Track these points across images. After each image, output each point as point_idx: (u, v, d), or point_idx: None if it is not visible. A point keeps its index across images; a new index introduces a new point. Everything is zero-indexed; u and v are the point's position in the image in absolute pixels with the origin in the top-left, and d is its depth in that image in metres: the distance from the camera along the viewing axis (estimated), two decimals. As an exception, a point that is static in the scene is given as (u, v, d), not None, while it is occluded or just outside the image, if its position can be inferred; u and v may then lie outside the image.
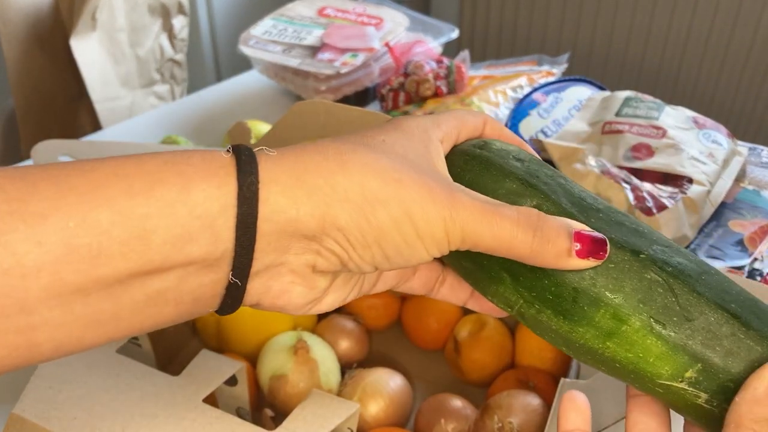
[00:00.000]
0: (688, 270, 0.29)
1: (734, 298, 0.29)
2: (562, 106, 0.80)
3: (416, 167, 0.29)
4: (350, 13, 1.00)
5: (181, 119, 0.96)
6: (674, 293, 0.28)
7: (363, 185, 0.28)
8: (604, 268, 0.29)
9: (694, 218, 0.62)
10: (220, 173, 0.26)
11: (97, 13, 1.15)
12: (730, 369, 0.28)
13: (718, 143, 0.70)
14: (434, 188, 0.28)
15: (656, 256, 0.29)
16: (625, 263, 0.29)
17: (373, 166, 0.28)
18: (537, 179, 0.31)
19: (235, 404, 0.46)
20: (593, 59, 1.83)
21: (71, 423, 0.37)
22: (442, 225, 0.28)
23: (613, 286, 0.29)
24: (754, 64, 1.65)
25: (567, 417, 0.30)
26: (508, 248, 0.29)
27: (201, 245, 0.26)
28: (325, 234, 0.28)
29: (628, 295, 0.28)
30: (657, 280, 0.28)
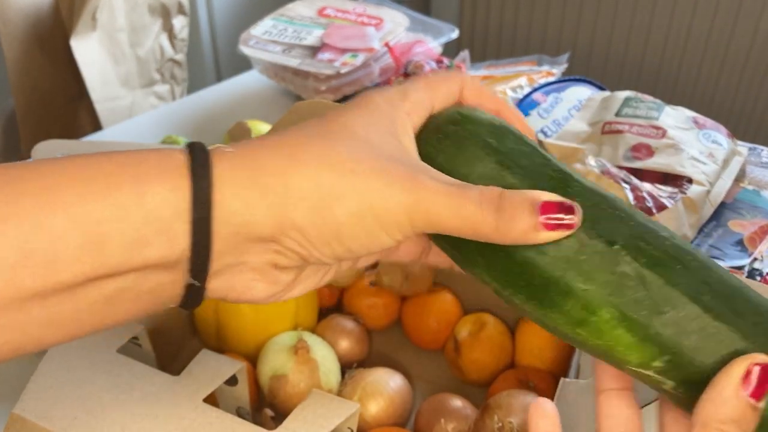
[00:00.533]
0: (664, 261, 0.28)
1: (711, 290, 0.28)
2: (562, 106, 0.80)
3: (376, 152, 0.28)
4: (350, 13, 1.00)
5: (182, 119, 0.96)
6: (646, 286, 0.28)
7: (317, 181, 0.27)
8: (576, 260, 0.28)
9: (694, 218, 0.62)
10: (175, 175, 0.26)
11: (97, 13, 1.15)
12: (699, 363, 0.28)
13: (718, 143, 0.70)
14: (395, 174, 0.27)
15: (632, 246, 0.28)
16: (597, 255, 0.28)
17: (328, 158, 0.27)
18: (512, 161, 0.30)
19: (235, 404, 0.46)
20: (593, 59, 1.83)
21: (72, 423, 0.37)
22: (405, 212, 0.27)
23: (584, 278, 0.28)
24: (754, 64, 1.65)
25: (536, 425, 0.30)
26: (473, 231, 0.28)
27: (157, 249, 0.26)
28: (283, 234, 0.27)
29: (599, 287, 0.28)
30: (629, 273, 0.28)
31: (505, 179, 0.30)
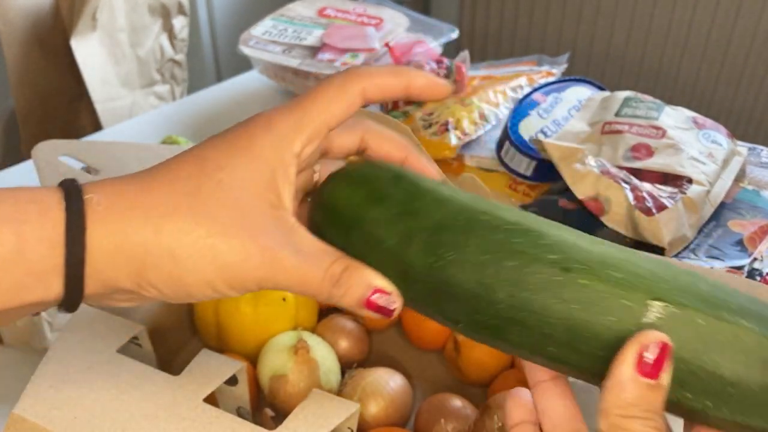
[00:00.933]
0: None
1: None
2: (562, 107, 0.80)
3: (245, 221, 0.30)
4: (350, 13, 1.00)
5: (182, 119, 0.97)
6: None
7: (175, 254, 0.30)
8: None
9: (694, 218, 0.62)
10: (52, 235, 0.29)
11: (97, 13, 1.15)
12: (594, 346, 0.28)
13: (718, 143, 0.70)
14: (255, 251, 0.30)
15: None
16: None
17: (191, 234, 0.30)
18: (380, 243, 0.31)
19: (235, 404, 0.46)
20: (593, 59, 1.84)
21: (72, 422, 0.37)
22: (256, 283, 0.31)
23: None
24: (754, 65, 1.65)
25: (511, 413, 0.31)
26: (311, 295, 0.32)
27: (35, 293, 0.30)
28: (142, 289, 0.31)
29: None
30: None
31: (373, 257, 0.32)
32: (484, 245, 0.29)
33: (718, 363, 0.26)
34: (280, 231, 0.31)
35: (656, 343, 0.26)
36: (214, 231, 0.30)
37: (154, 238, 0.29)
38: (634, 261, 0.29)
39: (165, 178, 0.31)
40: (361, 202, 0.32)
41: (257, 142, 0.31)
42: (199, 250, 0.30)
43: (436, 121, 0.82)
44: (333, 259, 0.31)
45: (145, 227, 0.30)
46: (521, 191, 0.77)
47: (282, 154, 0.31)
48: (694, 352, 0.27)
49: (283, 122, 0.31)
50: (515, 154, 0.75)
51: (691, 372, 0.27)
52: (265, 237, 0.30)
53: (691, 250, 0.62)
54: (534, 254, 0.28)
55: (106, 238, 0.30)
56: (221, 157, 0.31)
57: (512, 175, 0.77)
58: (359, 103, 0.33)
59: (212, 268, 0.30)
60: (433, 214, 0.31)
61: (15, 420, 0.37)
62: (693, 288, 0.28)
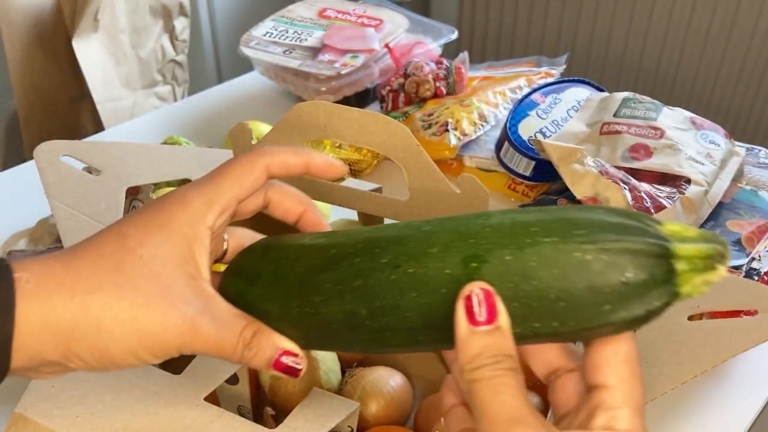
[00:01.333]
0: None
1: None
2: (561, 107, 0.80)
3: (165, 293, 0.32)
4: (350, 14, 1.00)
5: (183, 120, 0.97)
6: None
7: (100, 327, 0.31)
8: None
9: (692, 218, 0.63)
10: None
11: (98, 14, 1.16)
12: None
13: (716, 144, 0.70)
14: (175, 321, 0.32)
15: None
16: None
17: (114, 308, 0.31)
18: (268, 314, 0.35)
19: (236, 403, 0.46)
20: (592, 60, 1.84)
21: (73, 421, 0.37)
22: (177, 350, 0.33)
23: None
24: (752, 66, 1.65)
25: (445, 398, 0.33)
26: (225, 357, 0.34)
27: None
28: (68, 361, 0.32)
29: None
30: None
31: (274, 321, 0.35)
32: (336, 277, 0.33)
33: (541, 286, 0.28)
34: (199, 300, 0.33)
35: (477, 292, 0.28)
36: (137, 303, 0.32)
37: (82, 313, 0.31)
38: (447, 229, 0.31)
39: (90, 256, 0.33)
40: (243, 288, 0.36)
41: (174, 219, 0.34)
42: (123, 321, 0.32)
43: (435, 121, 0.82)
44: (244, 324, 0.34)
45: (72, 302, 0.31)
46: (520, 191, 0.78)
47: (197, 228, 0.34)
48: (517, 286, 0.29)
49: (197, 199, 0.34)
50: (514, 155, 0.75)
51: (524, 304, 0.29)
52: (185, 307, 0.33)
53: (690, 250, 0.62)
54: (370, 266, 0.32)
55: (34, 314, 0.31)
56: (141, 234, 0.33)
57: (511, 176, 0.77)
58: (264, 178, 0.36)
59: (135, 337, 0.32)
60: (297, 271, 0.34)
61: (17, 419, 0.38)
62: (495, 232, 0.30)
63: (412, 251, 0.31)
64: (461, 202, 0.45)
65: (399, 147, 0.45)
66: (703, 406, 0.53)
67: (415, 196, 0.46)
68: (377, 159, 0.83)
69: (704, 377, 0.55)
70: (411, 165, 0.45)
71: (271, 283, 0.35)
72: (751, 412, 0.53)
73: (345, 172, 0.39)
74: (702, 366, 0.39)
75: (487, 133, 0.83)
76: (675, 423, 0.53)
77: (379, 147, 0.45)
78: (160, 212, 0.34)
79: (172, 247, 0.33)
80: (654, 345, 0.41)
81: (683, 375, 0.39)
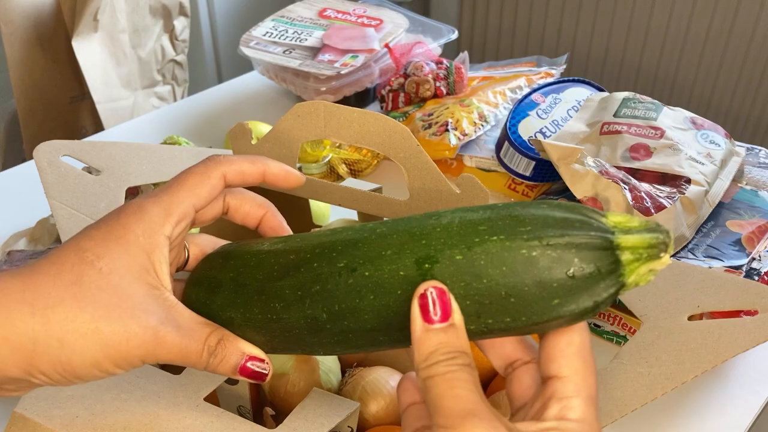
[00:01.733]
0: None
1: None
2: (561, 107, 0.80)
3: (125, 304, 0.32)
4: (350, 14, 1.00)
5: (183, 120, 0.97)
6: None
7: (62, 341, 0.31)
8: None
9: (692, 218, 0.63)
10: None
11: (98, 14, 1.16)
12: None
13: (716, 144, 0.70)
14: (136, 332, 0.32)
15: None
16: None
17: (75, 321, 0.31)
18: (232, 322, 0.35)
19: (236, 403, 0.46)
20: (591, 61, 1.84)
21: (73, 421, 0.37)
22: (140, 359, 0.33)
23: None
24: (752, 66, 1.65)
25: (401, 398, 0.33)
26: (190, 365, 0.34)
27: None
28: (31, 377, 0.32)
29: None
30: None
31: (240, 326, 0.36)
32: (295, 283, 0.33)
33: (491, 284, 0.29)
34: (161, 309, 0.33)
35: (431, 291, 0.29)
36: (98, 315, 0.32)
37: (43, 328, 0.31)
38: (401, 230, 0.32)
39: (50, 271, 0.32)
40: (205, 297, 0.36)
41: (131, 230, 0.34)
42: (85, 334, 0.32)
43: (435, 121, 0.82)
44: (209, 331, 0.35)
45: (33, 318, 0.31)
46: (520, 191, 0.78)
47: (155, 238, 0.34)
48: (468, 285, 0.29)
49: (154, 209, 0.35)
50: (514, 155, 0.75)
51: (476, 302, 0.29)
52: (147, 316, 0.33)
53: (690, 250, 0.62)
54: (328, 271, 0.32)
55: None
56: (99, 247, 0.33)
57: (511, 175, 0.77)
58: (221, 186, 0.37)
59: (98, 349, 0.32)
60: (257, 278, 0.35)
61: (16, 419, 0.38)
62: (445, 232, 0.30)
63: (368, 254, 0.31)
64: (461, 202, 0.45)
65: (399, 147, 0.45)
66: (703, 406, 0.53)
67: (415, 196, 0.46)
68: (377, 159, 0.83)
69: (704, 377, 0.55)
70: (411, 165, 0.45)
71: (232, 291, 0.35)
72: (751, 412, 0.53)
73: (302, 182, 0.40)
74: (702, 366, 0.39)
75: (487, 133, 0.83)
76: (675, 423, 0.53)
77: (379, 147, 0.45)
78: (117, 224, 0.34)
79: (130, 259, 0.33)
80: (654, 345, 0.41)
81: (683, 375, 0.39)
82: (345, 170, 0.80)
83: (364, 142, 0.46)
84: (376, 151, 0.46)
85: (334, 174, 0.80)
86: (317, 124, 0.46)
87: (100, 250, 0.33)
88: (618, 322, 0.58)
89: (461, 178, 0.45)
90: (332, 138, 0.47)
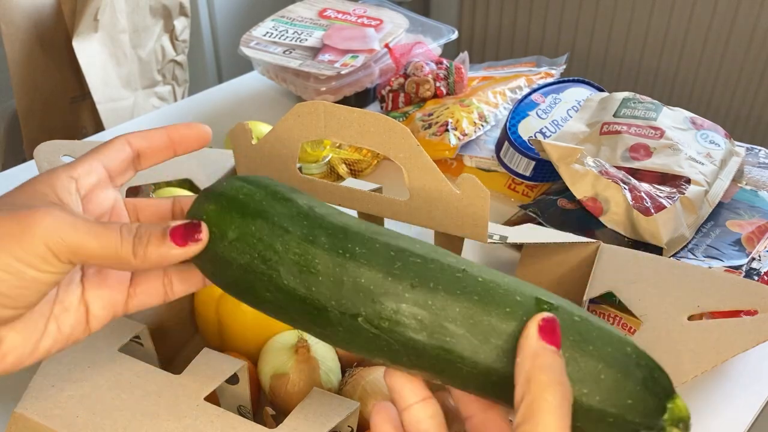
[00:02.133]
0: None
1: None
2: (561, 107, 0.80)
3: (18, 205, 0.32)
4: (350, 14, 1.00)
5: (183, 120, 0.97)
6: (391, 346, 0.33)
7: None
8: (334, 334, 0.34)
9: (692, 218, 0.63)
10: None
11: (99, 14, 1.16)
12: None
13: (716, 144, 0.70)
14: (27, 215, 0.31)
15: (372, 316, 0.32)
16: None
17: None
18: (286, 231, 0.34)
19: (236, 402, 0.47)
20: (591, 61, 1.84)
21: (73, 421, 0.37)
22: (45, 245, 0.31)
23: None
24: (751, 66, 1.65)
25: (379, 427, 0.33)
26: (115, 257, 0.32)
27: None
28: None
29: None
30: (378, 336, 0.32)
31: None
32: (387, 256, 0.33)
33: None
34: (57, 204, 0.33)
35: (548, 319, 0.31)
36: (9, 216, 0.32)
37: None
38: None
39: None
40: (264, 198, 0.35)
41: (31, 186, 0.35)
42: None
43: (435, 121, 0.82)
44: (124, 223, 0.34)
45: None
46: (520, 191, 0.78)
47: (56, 179, 0.35)
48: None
49: (60, 168, 0.36)
50: (514, 155, 0.75)
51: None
52: (42, 204, 0.33)
53: (690, 250, 0.62)
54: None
55: None
56: (9, 195, 0.34)
57: (511, 175, 0.77)
58: (126, 149, 0.38)
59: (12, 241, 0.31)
60: (336, 220, 0.35)
61: (17, 419, 0.38)
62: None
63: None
64: (461, 202, 0.45)
65: (399, 147, 0.45)
66: (703, 406, 0.53)
67: (415, 196, 0.46)
68: (377, 159, 0.83)
69: (704, 377, 0.55)
70: (411, 165, 0.45)
71: (299, 214, 0.35)
72: (751, 412, 0.53)
73: (209, 135, 0.41)
74: (702, 366, 0.39)
75: (487, 133, 0.83)
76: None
77: (379, 147, 0.45)
78: (28, 182, 0.35)
79: (31, 194, 0.34)
80: (654, 345, 0.41)
81: (683, 375, 0.39)
82: (345, 170, 0.80)
83: (364, 142, 0.46)
84: (376, 151, 0.46)
85: (334, 174, 0.80)
86: (317, 124, 0.46)
87: (10, 195, 0.34)
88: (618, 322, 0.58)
89: (461, 178, 0.45)
90: (332, 138, 0.47)
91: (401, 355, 0.32)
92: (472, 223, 0.46)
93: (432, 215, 0.47)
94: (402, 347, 0.32)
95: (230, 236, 0.34)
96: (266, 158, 0.50)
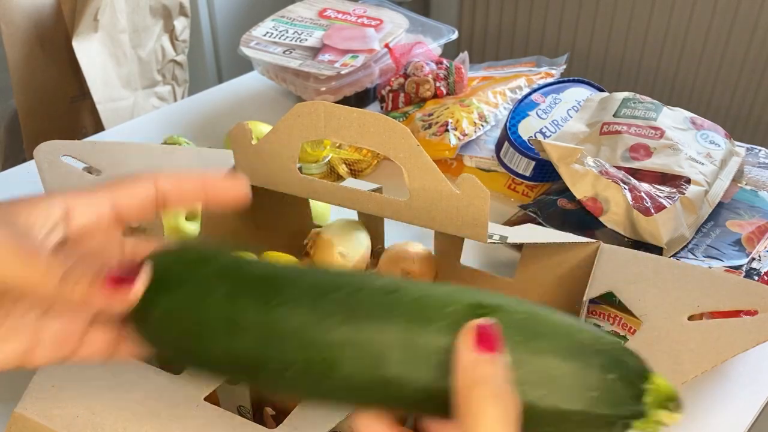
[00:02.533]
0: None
1: None
2: (561, 107, 0.80)
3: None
4: (350, 14, 1.00)
5: (183, 120, 0.97)
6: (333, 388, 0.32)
7: None
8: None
9: (692, 218, 0.63)
10: None
11: (99, 14, 1.16)
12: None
13: (716, 144, 0.70)
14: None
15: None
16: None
17: None
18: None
19: (236, 403, 0.46)
20: (591, 61, 1.84)
21: (73, 421, 0.37)
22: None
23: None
24: (751, 66, 1.65)
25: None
26: (37, 285, 0.31)
27: None
28: None
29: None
30: (319, 380, 0.32)
31: None
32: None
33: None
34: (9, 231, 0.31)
35: (482, 325, 0.29)
36: None
37: None
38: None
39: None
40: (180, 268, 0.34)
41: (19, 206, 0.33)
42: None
43: (435, 121, 0.82)
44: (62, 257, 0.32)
45: None
46: (520, 191, 0.78)
47: (39, 203, 0.33)
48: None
49: (62, 193, 0.34)
50: (514, 155, 0.75)
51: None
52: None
53: (690, 250, 0.62)
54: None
55: None
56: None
57: (511, 176, 0.77)
58: (150, 190, 0.36)
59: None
60: (257, 271, 0.33)
61: (17, 419, 0.38)
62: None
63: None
64: (461, 202, 0.45)
65: (399, 147, 0.45)
66: (703, 406, 0.53)
67: (415, 196, 0.46)
68: (377, 159, 0.83)
69: (704, 377, 0.55)
70: (411, 165, 0.45)
71: (219, 272, 0.34)
72: (751, 412, 0.53)
73: (248, 197, 0.37)
74: (702, 366, 0.39)
75: (487, 133, 0.83)
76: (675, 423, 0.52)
77: (379, 147, 0.45)
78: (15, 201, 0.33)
79: (6, 213, 0.32)
80: (654, 345, 0.41)
81: (683, 375, 0.39)
82: (345, 170, 0.80)
83: (364, 142, 0.46)
84: (376, 151, 0.46)
85: (334, 174, 0.80)
86: (317, 124, 0.46)
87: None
88: (618, 322, 0.58)
89: (461, 178, 0.45)
90: (332, 138, 0.47)
91: (348, 394, 0.31)
92: (472, 223, 0.46)
93: (432, 215, 0.47)
94: (344, 386, 0.31)
95: (155, 314, 0.34)
96: (266, 158, 0.50)
